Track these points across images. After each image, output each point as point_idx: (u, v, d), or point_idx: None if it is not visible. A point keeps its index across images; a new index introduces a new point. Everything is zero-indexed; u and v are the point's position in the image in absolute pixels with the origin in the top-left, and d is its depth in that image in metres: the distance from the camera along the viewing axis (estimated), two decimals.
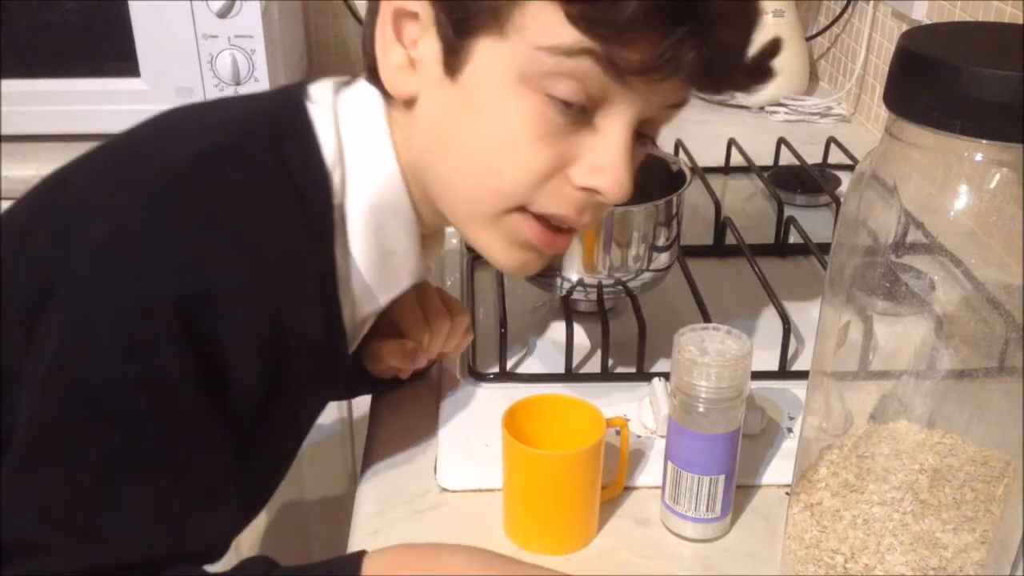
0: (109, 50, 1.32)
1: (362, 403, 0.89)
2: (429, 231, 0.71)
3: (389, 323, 0.79)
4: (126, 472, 0.57)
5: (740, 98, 1.51)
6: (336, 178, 0.63)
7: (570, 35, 0.55)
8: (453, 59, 0.59)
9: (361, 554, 0.59)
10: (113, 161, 0.63)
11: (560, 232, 0.64)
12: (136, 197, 0.57)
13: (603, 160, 0.60)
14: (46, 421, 0.56)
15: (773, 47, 0.61)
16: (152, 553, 0.58)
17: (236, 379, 0.59)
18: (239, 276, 0.58)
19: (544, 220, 0.63)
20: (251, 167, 0.60)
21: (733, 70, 0.59)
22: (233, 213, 0.58)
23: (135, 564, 0.57)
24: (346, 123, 0.65)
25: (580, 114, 0.59)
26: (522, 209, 0.62)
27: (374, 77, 0.64)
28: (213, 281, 0.57)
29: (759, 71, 0.61)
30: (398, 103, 0.64)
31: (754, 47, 0.61)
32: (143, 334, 0.55)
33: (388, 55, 0.62)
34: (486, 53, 0.58)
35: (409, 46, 0.62)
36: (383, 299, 0.70)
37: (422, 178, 0.66)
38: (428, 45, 0.61)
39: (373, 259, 0.67)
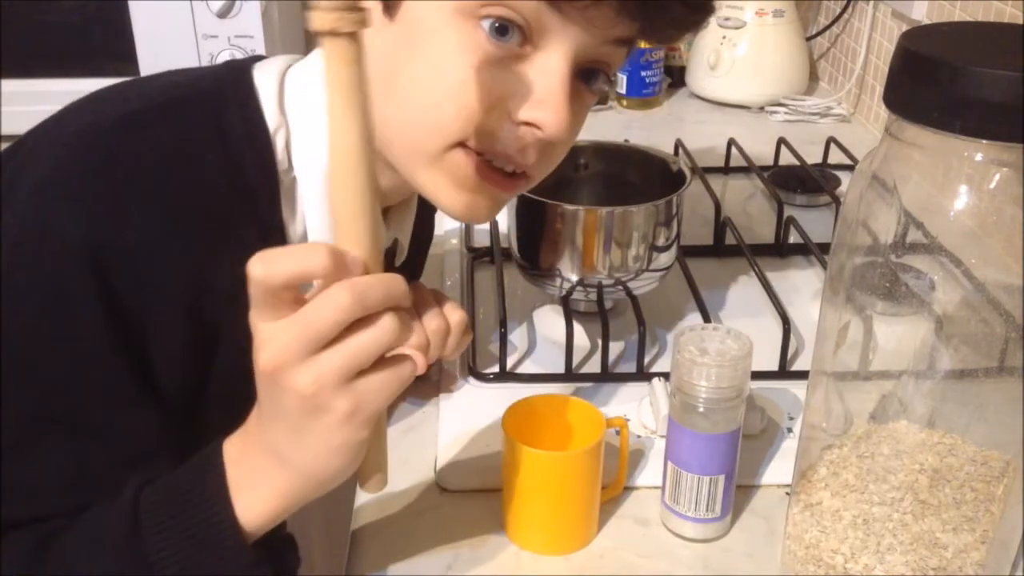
0: (109, 50, 1.32)
1: None
2: (391, 199, 0.71)
3: None
4: (40, 427, 0.57)
5: (741, 98, 1.51)
6: (279, 141, 0.63)
7: None
8: None
9: (219, 443, 0.57)
10: (56, 120, 0.63)
11: (508, 176, 0.63)
12: (64, 150, 0.58)
13: (541, 93, 0.59)
14: None
15: None
16: (63, 510, 0.57)
17: (162, 343, 0.58)
18: (158, 232, 0.57)
19: (487, 158, 0.62)
20: (181, 126, 0.60)
21: (671, 1, 0.58)
22: (156, 169, 0.58)
23: (45, 518, 0.57)
24: (293, 87, 0.64)
25: (518, 48, 0.58)
26: (463, 146, 0.61)
27: None
28: (130, 236, 0.56)
29: (696, 5, 0.60)
30: None
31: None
32: (60, 287, 0.55)
33: None
34: None
35: None
36: None
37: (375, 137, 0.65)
38: None
39: (329, 227, 0.66)
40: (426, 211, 0.83)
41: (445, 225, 1.11)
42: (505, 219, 0.92)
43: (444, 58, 0.59)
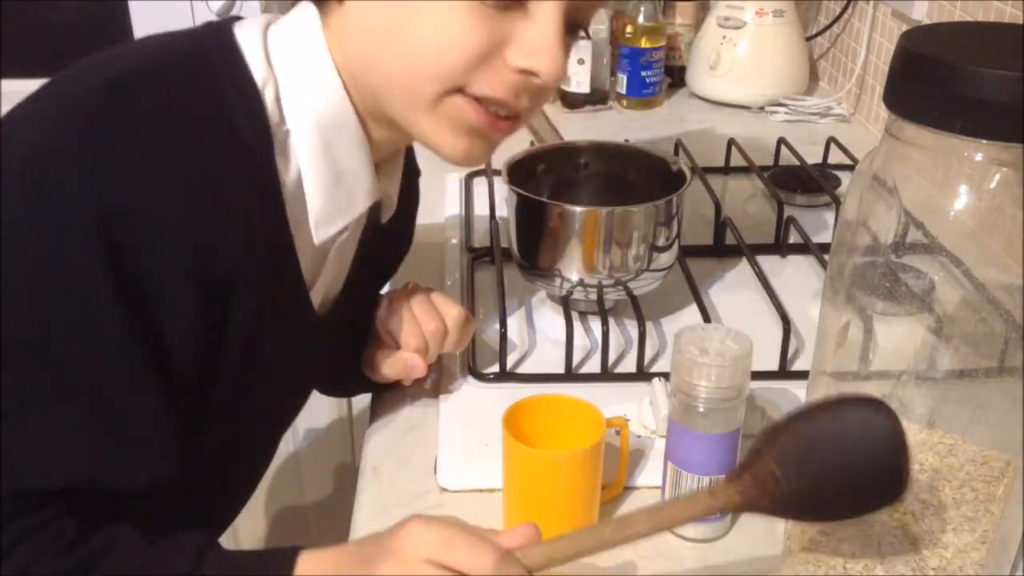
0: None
1: (362, 402, 0.89)
2: (383, 152, 0.71)
3: (385, 331, 0.79)
4: (46, 397, 0.57)
5: (741, 98, 1.51)
6: (268, 94, 0.63)
7: None
8: None
9: (296, 551, 0.58)
10: (42, 89, 0.62)
11: (501, 118, 0.65)
12: (52, 121, 0.57)
13: (538, 42, 0.62)
14: None
15: None
16: (72, 481, 0.58)
17: (170, 305, 0.58)
18: (161, 193, 0.57)
19: (484, 103, 0.64)
20: (169, 85, 0.60)
21: None
22: (151, 130, 0.58)
23: (56, 491, 0.57)
24: (277, 41, 0.64)
25: None
26: (461, 92, 0.63)
27: None
28: (133, 199, 0.56)
29: None
30: (331, 8, 0.64)
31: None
32: (64, 257, 0.55)
33: None
34: None
35: None
36: (340, 222, 0.69)
37: (365, 85, 0.65)
38: None
39: (325, 178, 0.66)
40: (410, 174, 0.83)
41: (445, 224, 1.11)
42: (505, 219, 0.92)
43: (443, 8, 0.60)
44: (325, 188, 0.66)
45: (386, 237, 0.79)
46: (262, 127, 0.62)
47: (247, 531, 1.48)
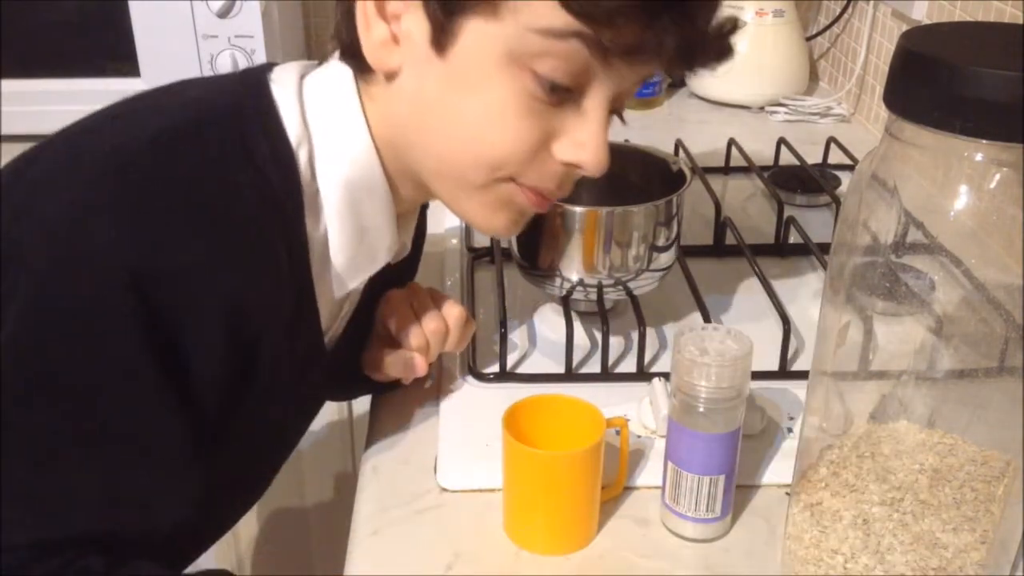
0: (109, 50, 1.32)
1: (362, 403, 0.89)
2: (405, 207, 0.72)
3: (386, 331, 0.79)
4: (76, 447, 0.57)
5: (741, 98, 1.51)
6: (303, 155, 0.63)
7: (562, 19, 0.58)
8: (442, 37, 0.61)
9: None
10: (69, 143, 0.63)
11: (542, 198, 0.67)
12: (88, 177, 0.58)
13: (585, 137, 0.64)
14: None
15: (732, 25, 0.65)
16: (98, 527, 0.58)
17: (199, 357, 0.59)
18: (193, 252, 0.57)
19: (532, 189, 0.66)
20: (208, 145, 0.60)
21: (706, 51, 0.64)
22: (187, 190, 0.58)
23: (80, 537, 0.58)
24: (313, 100, 0.65)
25: (564, 93, 0.62)
26: (511, 180, 0.65)
27: (348, 55, 0.66)
28: (167, 258, 0.56)
29: (724, 50, 0.66)
30: (376, 79, 0.65)
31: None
32: (97, 316, 0.55)
33: (371, 30, 0.63)
34: (477, 32, 0.60)
35: (392, 21, 0.63)
36: (361, 276, 0.70)
37: (402, 153, 0.66)
38: (413, 21, 0.62)
39: (349, 235, 0.67)
40: (420, 213, 0.84)
41: (445, 224, 1.11)
42: None
43: (497, 102, 0.61)
44: (349, 244, 0.67)
45: (392, 274, 0.80)
46: (295, 186, 0.63)
47: (247, 535, 1.48)
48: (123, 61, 1.31)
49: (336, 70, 0.67)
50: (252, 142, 0.62)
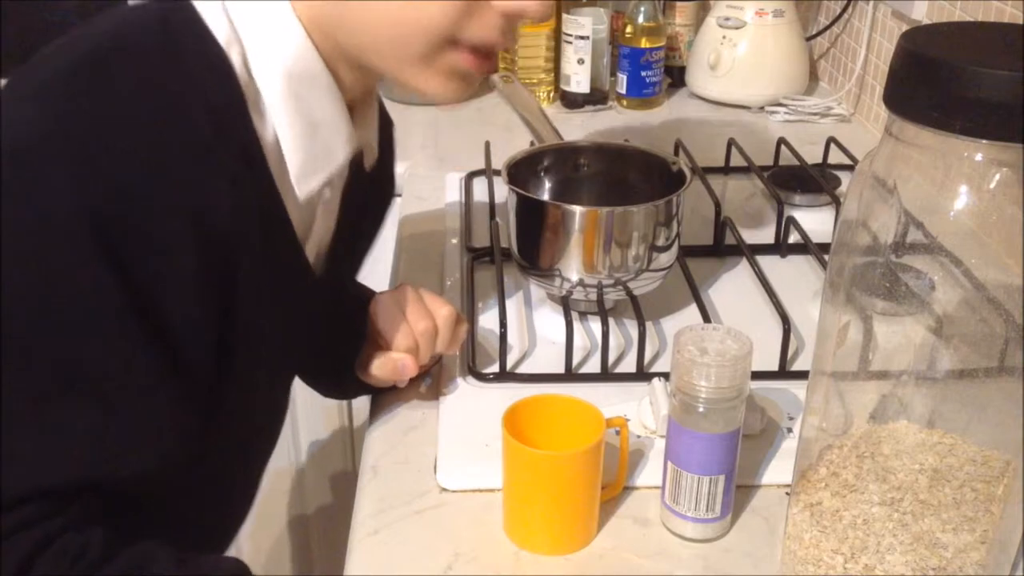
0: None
1: (362, 404, 0.89)
2: (354, 96, 0.71)
3: (376, 332, 0.79)
4: (55, 395, 0.57)
5: (741, 98, 1.51)
6: (235, 56, 0.62)
7: None
8: None
9: None
10: (11, 81, 0.62)
11: (487, 57, 0.67)
12: (26, 108, 0.57)
13: None
14: None
15: None
16: (84, 474, 0.58)
17: (171, 284, 0.58)
18: (144, 174, 0.57)
19: (474, 49, 0.65)
20: (138, 61, 0.60)
21: None
22: (123, 111, 0.57)
23: (69, 492, 0.58)
24: (238, 7, 0.63)
25: None
26: (453, 43, 0.64)
27: None
28: (118, 186, 0.56)
29: None
30: None
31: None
32: (58, 254, 0.55)
33: None
34: None
35: None
36: (321, 174, 0.69)
37: (337, 36, 0.65)
38: None
39: (300, 131, 0.66)
40: (385, 125, 0.82)
41: (445, 224, 1.11)
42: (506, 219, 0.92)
43: None
44: (302, 141, 0.66)
45: (368, 188, 0.79)
46: (233, 89, 0.62)
47: (246, 531, 1.48)
48: None
49: None
50: (181, 50, 0.61)
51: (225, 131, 0.61)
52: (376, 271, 0.95)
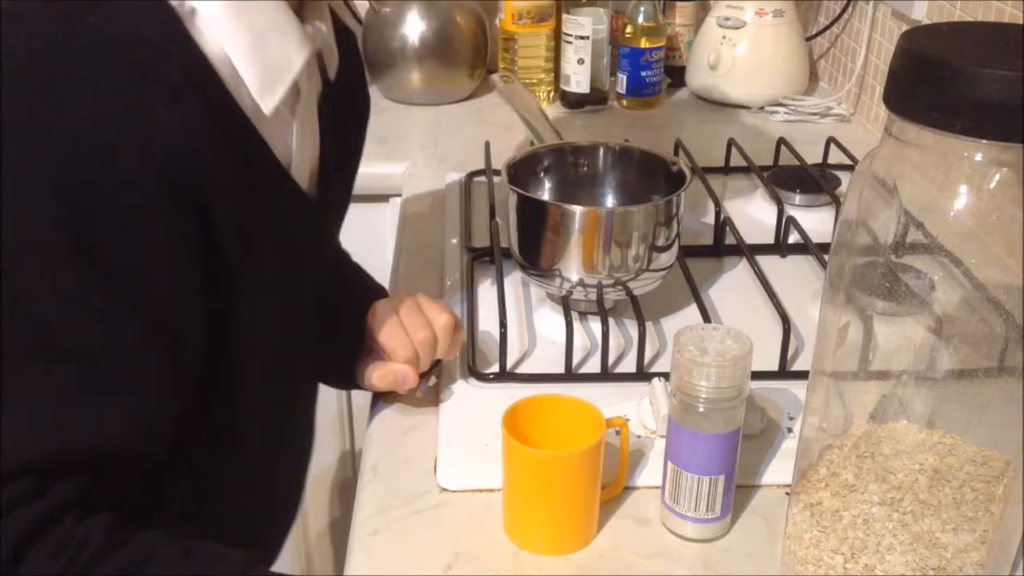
0: None
1: (362, 403, 0.89)
2: None
3: (375, 343, 0.79)
4: (30, 362, 0.56)
5: (741, 98, 1.51)
6: None
7: None
8: None
9: None
10: None
11: None
12: None
13: None
14: None
15: None
16: (71, 445, 0.57)
17: (144, 234, 0.57)
18: (85, 119, 0.55)
19: None
20: (62, 12, 0.57)
21: None
22: (55, 60, 0.55)
23: (47, 462, 0.56)
24: None
25: None
26: None
27: None
28: (63, 137, 0.54)
29: None
30: None
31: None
32: (18, 219, 0.54)
33: None
34: None
35: None
36: (282, 84, 0.64)
37: None
38: None
39: (248, 43, 0.62)
40: (342, 32, 0.78)
41: (445, 224, 1.11)
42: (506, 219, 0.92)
43: None
44: (252, 52, 0.62)
45: (344, 100, 0.76)
46: (160, 10, 0.59)
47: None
48: None
49: None
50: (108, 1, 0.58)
51: (159, 55, 0.58)
52: (376, 270, 0.95)
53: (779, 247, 1.06)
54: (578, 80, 1.47)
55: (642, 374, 0.84)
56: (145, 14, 0.58)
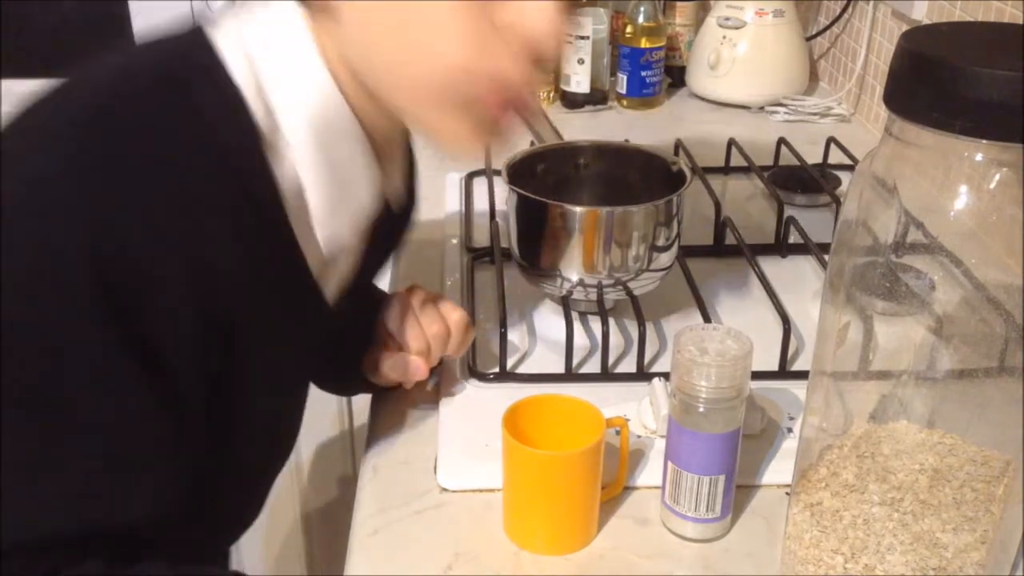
0: (109, 50, 1.32)
1: (362, 403, 0.89)
2: (383, 142, 0.68)
3: (388, 333, 0.79)
4: (42, 444, 0.56)
5: (741, 98, 1.51)
6: (250, 96, 0.60)
7: None
8: None
9: None
10: (22, 115, 0.61)
11: (510, 103, 0.63)
12: (37, 157, 0.56)
13: (535, 20, 0.60)
14: None
15: None
16: (85, 523, 0.57)
17: (171, 329, 0.57)
18: (146, 223, 0.56)
19: (495, 91, 0.61)
20: (151, 106, 0.58)
21: None
22: (132, 161, 0.56)
23: (60, 536, 0.57)
24: (260, 44, 0.61)
25: None
26: (471, 81, 0.60)
27: None
28: (121, 235, 0.55)
29: None
30: (319, 9, 0.61)
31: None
32: (60, 306, 0.54)
33: None
34: None
35: None
36: (348, 224, 0.67)
37: (361, 76, 0.63)
38: None
39: (325, 180, 0.63)
40: (409, 154, 0.80)
41: (445, 224, 1.11)
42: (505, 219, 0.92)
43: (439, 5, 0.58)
44: (326, 190, 0.64)
45: (391, 218, 0.77)
46: (245, 128, 0.60)
47: (247, 535, 1.48)
48: None
49: (278, 9, 0.63)
50: (194, 94, 0.59)
51: (231, 171, 0.59)
52: None
53: (779, 247, 1.06)
54: (578, 80, 1.48)
55: (642, 374, 0.84)
56: (229, 128, 0.59)
